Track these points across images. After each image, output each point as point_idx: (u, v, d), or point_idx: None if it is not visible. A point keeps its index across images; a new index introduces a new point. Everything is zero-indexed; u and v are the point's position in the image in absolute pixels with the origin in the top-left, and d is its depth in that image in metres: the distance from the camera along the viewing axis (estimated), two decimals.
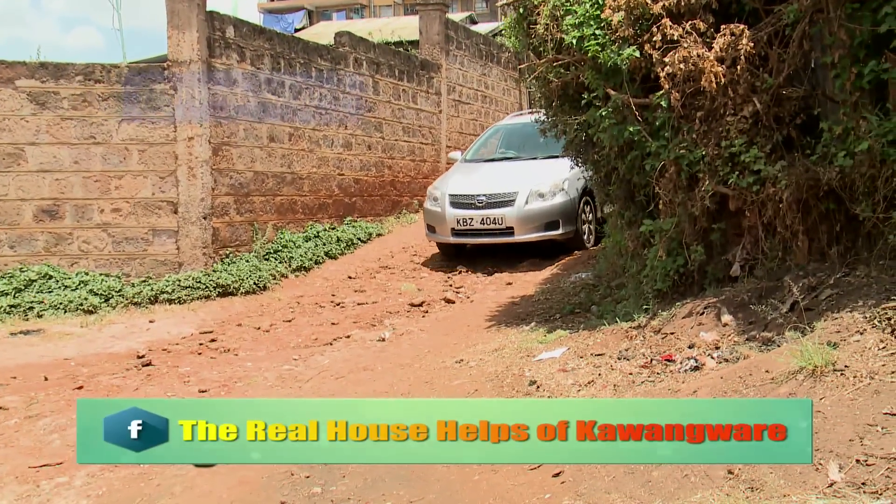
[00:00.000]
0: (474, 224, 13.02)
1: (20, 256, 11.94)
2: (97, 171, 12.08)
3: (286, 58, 14.10)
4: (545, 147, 13.23)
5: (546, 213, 12.81)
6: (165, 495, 5.07)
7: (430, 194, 14.04)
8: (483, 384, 6.45)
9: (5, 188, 11.91)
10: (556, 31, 7.20)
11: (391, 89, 17.08)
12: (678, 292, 6.78)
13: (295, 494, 4.83)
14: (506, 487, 4.60)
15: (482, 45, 21.52)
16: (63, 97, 11.96)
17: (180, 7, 12.09)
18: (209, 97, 12.31)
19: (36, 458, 6.06)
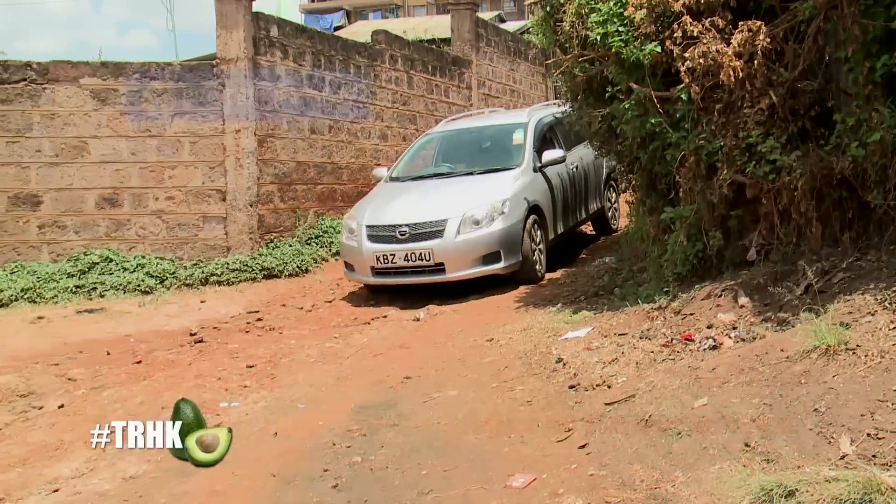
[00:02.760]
0: (397, 261, 9.79)
1: (84, 241, 12.05)
2: (152, 161, 12.15)
3: (326, 55, 14.09)
4: (487, 158, 11.23)
5: (483, 243, 9.69)
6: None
7: (346, 225, 10.73)
8: (512, 361, 6.44)
9: (71, 178, 12.04)
10: (581, 28, 7.14)
11: (425, 84, 17.04)
12: (697, 276, 6.73)
13: (337, 462, 4.84)
14: (534, 458, 4.60)
15: (510, 42, 21.41)
16: (122, 94, 12.03)
17: (228, 9, 12.13)
18: (255, 92, 12.33)
19: (101, 425, 6.12)
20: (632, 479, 4.08)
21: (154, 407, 6.40)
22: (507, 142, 11.30)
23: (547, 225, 10.70)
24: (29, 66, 11.98)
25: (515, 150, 11.02)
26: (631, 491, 3.98)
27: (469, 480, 4.39)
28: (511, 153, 11.04)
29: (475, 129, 12.22)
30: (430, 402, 5.79)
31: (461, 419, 5.34)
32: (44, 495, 5.04)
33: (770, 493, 3.48)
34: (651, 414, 4.63)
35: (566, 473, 4.31)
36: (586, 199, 12.25)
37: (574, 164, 11.74)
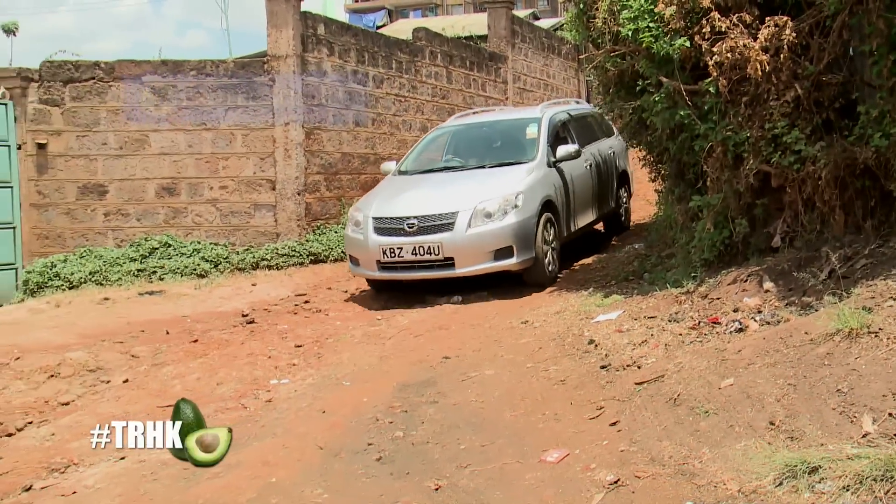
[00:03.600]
0: (404, 254, 8.90)
1: (145, 227, 12.19)
2: (207, 153, 12.24)
3: (370, 51, 14.09)
4: (500, 152, 10.32)
5: (495, 237, 8.78)
6: (269, 435, 5.13)
7: (352, 217, 9.79)
8: (546, 343, 6.41)
9: (133, 169, 12.19)
10: (613, 24, 7.10)
11: (463, 79, 16.98)
12: (723, 262, 6.65)
13: (380, 437, 4.85)
14: (567, 434, 4.58)
15: (544, 38, 21.28)
16: (180, 89, 12.14)
17: (278, 9, 12.17)
18: (303, 87, 12.37)
19: (162, 399, 6.21)
20: (661, 455, 4.05)
21: (210, 383, 6.47)
22: (520, 136, 10.40)
23: (560, 222, 9.79)
24: (97, 66, 12.14)
25: (529, 145, 10.12)
26: (660, 466, 3.95)
27: (505, 455, 4.38)
28: (524, 147, 10.14)
29: (487, 123, 11.38)
30: (467, 380, 5.78)
31: (497, 397, 5.34)
32: (112, 461, 5.11)
33: (794, 469, 3.44)
34: (679, 393, 4.59)
35: (598, 449, 4.29)
36: (600, 198, 11.38)
37: (588, 161, 10.93)
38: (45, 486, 4.85)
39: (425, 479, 4.17)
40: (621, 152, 12.28)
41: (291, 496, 4.13)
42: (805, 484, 3.37)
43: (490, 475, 4.16)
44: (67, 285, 11.09)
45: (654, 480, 3.84)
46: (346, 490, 4.15)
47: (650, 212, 11.89)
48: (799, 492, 3.34)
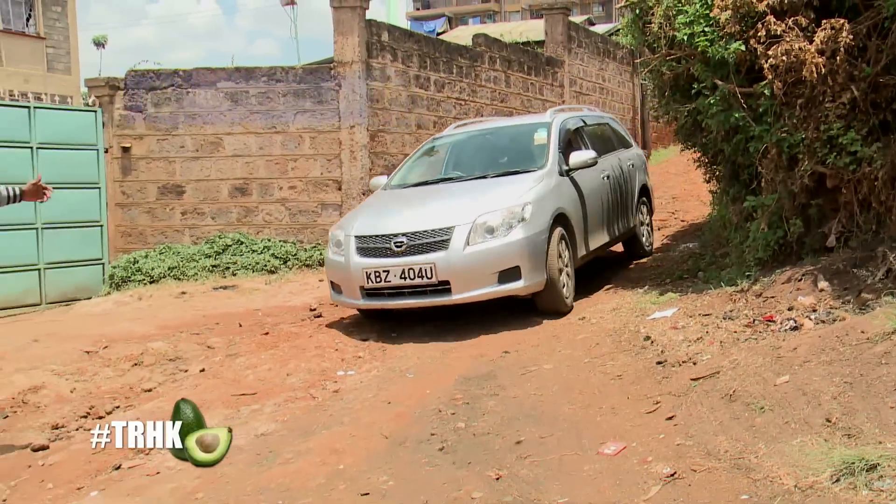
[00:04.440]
0: (391, 279, 7.19)
1: (219, 225, 12.34)
2: (277, 155, 12.35)
3: (431, 57, 14.08)
4: (504, 161, 8.55)
5: (498, 256, 7.07)
6: (336, 423, 5.14)
7: (332, 237, 8.02)
8: (603, 338, 6.34)
9: (208, 170, 12.36)
10: (668, 29, 6.98)
11: (521, 83, 16.89)
12: (777, 261, 6.51)
13: (443, 427, 4.83)
14: (624, 427, 4.52)
15: (600, 43, 21.10)
16: (252, 95, 12.27)
17: (345, 17, 12.22)
18: (367, 91, 12.40)
19: (236, 388, 6.26)
20: (717, 450, 3.97)
21: (280, 373, 6.50)
22: (527, 142, 8.69)
23: (576, 240, 8.04)
24: (176, 74, 12.33)
25: (538, 151, 8.37)
26: (716, 460, 3.88)
27: (564, 447, 4.33)
28: (533, 154, 8.39)
29: (490, 130, 9.51)
30: (527, 374, 5.74)
31: (556, 391, 5.28)
32: None
33: (851, 465, 3.34)
34: (735, 389, 4.50)
35: (654, 443, 4.22)
36: (618, 215, 9.46)
37: (605, 172, 9.12)
38: (132, 466, 4.92)
39: (486, 469, 4.14)
40: (641, 165, 10.64)
41: (358, 482, 4.13)
42: (863, 481, 3.27)
43: (549, 466, 4.12)
44: (148, 280, 11.28)
45: (711, 474, 3.77)
46: (410, 477, 4.14)
47: (704, 212, 11.72)
48: (857, 489, 3.25)
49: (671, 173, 17.31)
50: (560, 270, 7.47)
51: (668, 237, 11.87)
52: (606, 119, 10.77)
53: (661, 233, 12.40)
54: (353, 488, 4.06)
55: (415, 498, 3.87)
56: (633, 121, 22.58)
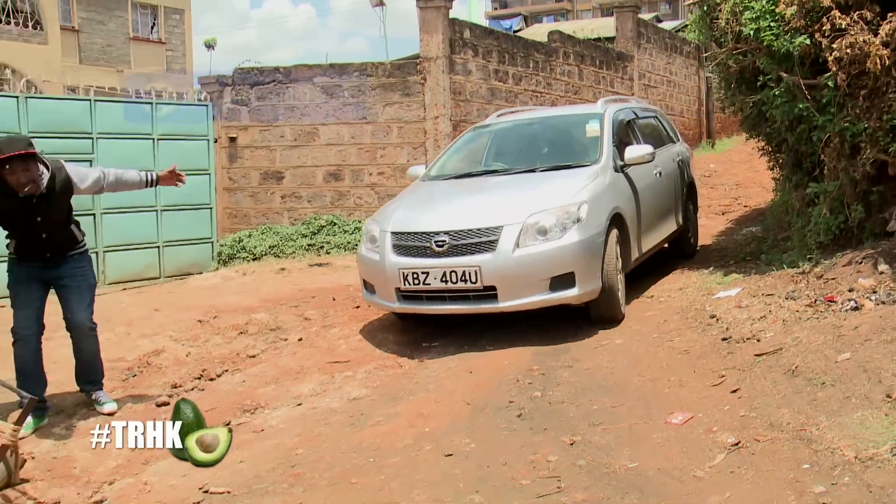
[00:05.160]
0: (431, 281, 6.02)
1: (314, 208, 12.50)
2: (367, 143, 12.44)
3: (509, 52, 13.99)
4: (553, 154, 7.34)
5: (551, 261, 5.90)
6: (422, 390, 5.18)
7: (366, 231, 6.83)
8: (671, 316, 6.24)
9: (305, 158, 12.53)
10: (735, 24, 6.79)
11: (593, 76, 16.65)
12: (838, 245, 6.30)
13: (520, 396, 4.83)
14: (691, 399, 4.45)
15: (667, 39, 20.65)
16: (345, 88, 12.37)
17: (430, 16, 12.23)
18: (450, 85, 12.40)
19: (330, 356, 6.35)
20: (779, 422, 3.89)
21: (370, 344, 6.56)
22: (578, 134, 7.44)
23: (630, 242, 6.82)
24: (277, 70, 12.51)
25: (590, 145, 7.17)
26: (778, 431, 3.80)
27: (633, 416, 4.30)
28: (585, 148, 7.20)
29: (537, 120, 8.22)
30: (599, 348, 5.69)
31: (626, 364, 5.23)
32: (291, 407, 5.27)
33: None
34: (797, 365, 4.39)
35: (720, 414, 4.15)
36: (669, 213, 8.23)
37: (657, 168, 7.79)
38: (240, 423, 5.06)
39: (561, 435, 4.13)
40: (688, 161, 9.35)
41: (442, 444, 4.16)
42: None
43: (619, 433, 4.09)
44: (252, 257, 11.50)
45: (773, 444, 3.70)
46: (490, 441, 4.15)
47: (766, 198, 11.42)
48: None
49: (734, 161, 16.91)
50: (617, 276, 6.34)
51: (732, 221, 11.60)
52: (654, 111, 9.56)
53: (725, 217, 12.15)
54: (438, 449, 4.10)
55: (494, 459, 3.88)
56: (698, 112, 22.10)
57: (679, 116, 20.52)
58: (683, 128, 20.58)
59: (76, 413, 5.46)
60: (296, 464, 4.19)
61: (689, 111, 21.45)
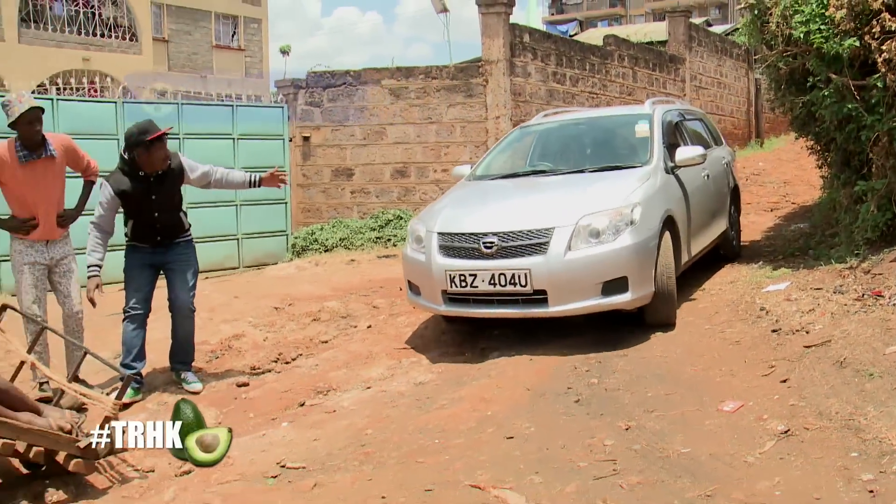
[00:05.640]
0: (479, 284, 5.51)
1: (382, 203, 12.60)
2: (432, 142, 12.48)
3: (567, 55, 13.89)
4: (602, 154, 6.82)
5: (605, 264, 5.39)
6: (484, 376, 5.16)
7: (412, 231, 6.30)
8: (721, 308, 6.13)
9: (373, 156, 12.62)
10: (785, 27, 6.64)
11: (646, 78, 16.44)
12: (885, 241, 6.11)
13: (578, 382, 4.80)
14: (742, 388, 4.38)
15: (718, 42, 20.27)
16: (411, 90, 12.42)
17: (491, 21, 12.21)
18: (510, 86, 12.35)
19: (398, 342, 6.40)
20: (828, 411, 3.82)
21: (436, 331, 6.58)
22: (627, 135, 6.93)
23: (680, 245, 6.30)
24: (348, 74, 12.62)
25: (640, 145, 6.66)
26: (827, 420, 3.73)
27: (686, 403, 4.25)
28: (634, 148, 6.70)
29: (584, 120, 7.70)
30: (653, 338, 5.61)
31: (679, 354, 5.16)
32: (360, 390, 5.33)
33: None
34: (845, 357, 4.29)
35: (770, 403, 4.08)
36: (715, 216, 7.62)
37: (706, 171, 7.26)
38: (313, 404, 5.13)
39: (617, 420, 4.10)
40: (732, 164, 8.79)
41: (504, 427, 4.17)
42: None
43: (673, 420, 4.05)
44: (323, 249, 11.64)
45: (822, 432, 3.64)
46: (549, 425, 4.14)
47: (813, 195, 11.14)
48: None
49: (783, 160, 16.50)
50: (672, 280, 5.86)
51: (780, 218, 11.34)
52: (699, 113, 8.99)
53: (773, 213, 11.88)
54: (500, 432, 4.10)
55: (553, 442, 3.88)
56: (747, 112, 21.66)
57: (729, 117, 20.13)
58: (733, 127, 20.20)
59: (167, 391, 5.63)
60: (366, 443, 4.23)
61: (739, 111, 21.02)
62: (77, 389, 4.53)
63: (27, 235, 5.16)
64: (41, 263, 5.23)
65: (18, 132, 5.03)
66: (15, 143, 5.04)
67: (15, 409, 4.06)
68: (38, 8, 23.45)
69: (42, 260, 5.23)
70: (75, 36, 23.92)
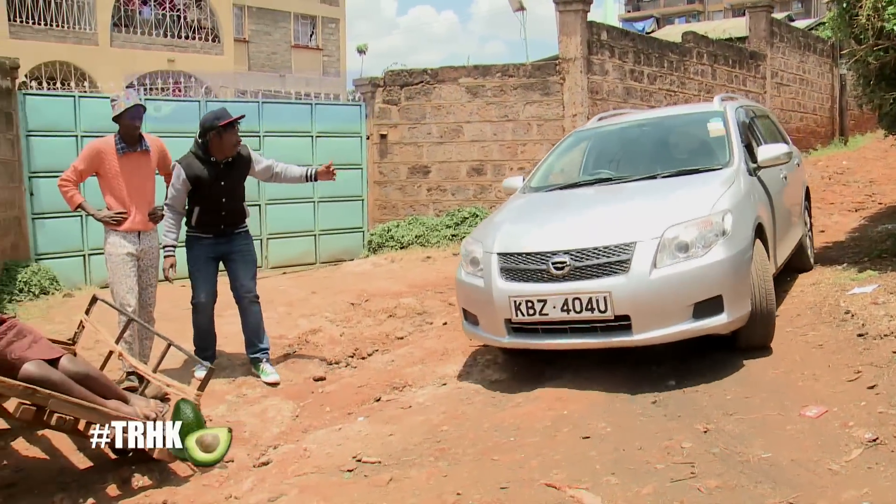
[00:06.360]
0: (549, 311, 4.71)
1: (458, 201, 12.61)
2: (508, 140, 12.43)
3: (644, 53, 13.66)
4: (673, 157, 6.05)
5: (696, 282, 4.59)
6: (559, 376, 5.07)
7: (466, 252, 5.44)
8: (804, 310, 5.91)
9: (450, 153, 12.63)
10: (877, 20, 6.37)
11: (725, 75, 16.03)
12: None
13: (654, 384, 4.70)
14: (826, 393, 4.22)
15: (801, 37, 19.61)
16: (487, 88, 12.38)
17: (569, 19, 12.10)
18: (587, 84, 12.22)
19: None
20: None
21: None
22: (700, 134, 6.16)
23: (769, 255, 5.41)
24: (425, 72, 12.66)
25: (717, 145, 5.86)
26: None
27: (767, 407, 4.12)
28: (710, 149, 5.89)
29: (647, 121, 6.78)
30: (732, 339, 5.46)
31: (759, 356, 5.00)
32: (436, 386, 5.35)
33: None
34: None
35: (855, 409, 3.92)
36: (795, 221, 6.89)
37: (783, 172, 6.52)
38: (389, 400, 5.18)
39: (695, 422, 4.00)
40: (802, 165, 8.09)
41: (580, 427, 4.12)
42: None
43: (752, 423, 3.93)
44: (399, 246, 11.73)
45: None
46: (626, 425, 4.08)
47: None
48: None
49: (868, 158, 15.89)
50: (771, 295, 5.04)
51: (866, 218, 10.91)
52: (765, 110, 8.13)
53: (858, 214, 11.43)
54: (576, 432, 4.06)
55: (630, 443, 3.81)
56: (830, 109, 20.90)
57: (811, 114, 19.49)
58: (815, 125, 19.57)
59: (245, 383, 5.75)
60: (441, 439, 4.23)
61: (822, 109, 20.32)
62: (161, 379, 4.68)
63: (118, 227, 5.39)
64: (134, 255, 5.49)
65: (120, 126, 5.47)
66: (116, 137, 5.48)
67: (104, 396, 4.23)
68: (129, 13, 24.34)
69: (135, 251, 5.51)
70: (161, 38, 24.73)
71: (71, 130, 9.97)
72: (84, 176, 5.51)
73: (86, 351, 5.60)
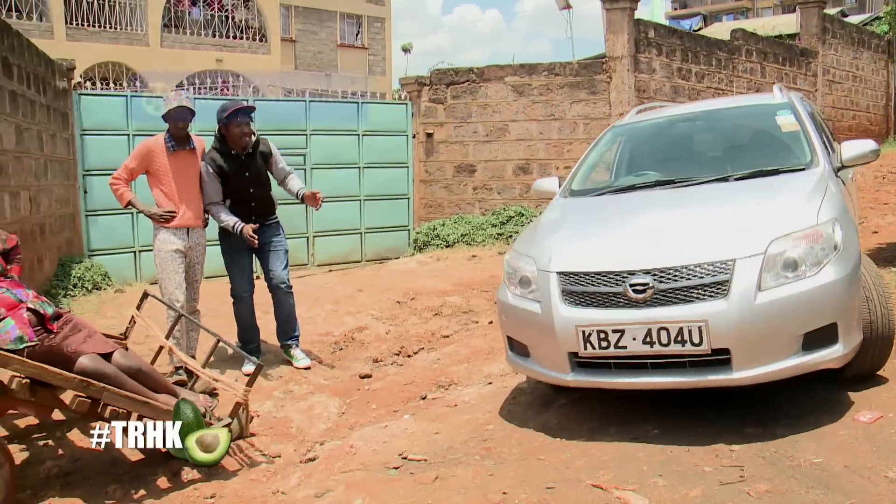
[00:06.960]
0: (627, 343, 3.70)
1: (503, 200, 12.61)
2: (554, 139, 12.39)
3: (692, 51, 13.51)
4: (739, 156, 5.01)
5: (806, 308, 3.58)
6: None
7: (513, 271, 4.34)
8: None
9: (496, 152, 12.64)
10: None
11: (775, 73, 15.76)
12: None
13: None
14: (881, 399, 4.11)
15: (854, 33, 19.17)
16: (534, 87, 12.37)
17: (616, 17, 12.03)
18: (634, 83, 12.14)
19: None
20: None
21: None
22: (768, 129, 5.18)
23: None
24: (471, 71, 12.68)
25: (792, 141, 4.87)
26: None
27: (819, 411, 4.03)
28: (786, 145, 4.89)
29: (700, 114, 5.77)
30: None
31: None
32: (482, 385, 5.35)
33: None
34: None
35: None
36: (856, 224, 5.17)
37: (850, 172, 5.41)
38: (434, 398, 5.19)
39: (744, 425, 3.94)
40: None
41: (627, 428, 4.07)
42: None
43: (804, 427, 3.84)
44: (444, 244, 11.76)
45: None
46: (674, 427, 4.03)
47: None
48: None
49: None
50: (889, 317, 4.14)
51: None
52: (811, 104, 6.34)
53: None
54: (623, 433, 4.01)
55: (678, 444, 3.77)
56: (885, 107, 20.41)
57: (864, 112, 19.05)
58: (868, 123, 19.13)
59: (292, 379, 5.81)
60: (486, 438, 4.22)
61: (876, 106, 19.85)
62: (210, 375, 4.76)
63: (167, 224, 5.50)
64: (182, 251, 5.62)
65: (169, 125, 5.63)
66: (166, 136, 5.65)
67: (155, 391, 4.31)
68: (178, 14, 24.78)
69: (183, 248, 5.64)
70: (210, 38, 25.13)
71: (123, 129, 10.20)
72: (135, 174, 5.67)
73: (137, 346, 5.72)
